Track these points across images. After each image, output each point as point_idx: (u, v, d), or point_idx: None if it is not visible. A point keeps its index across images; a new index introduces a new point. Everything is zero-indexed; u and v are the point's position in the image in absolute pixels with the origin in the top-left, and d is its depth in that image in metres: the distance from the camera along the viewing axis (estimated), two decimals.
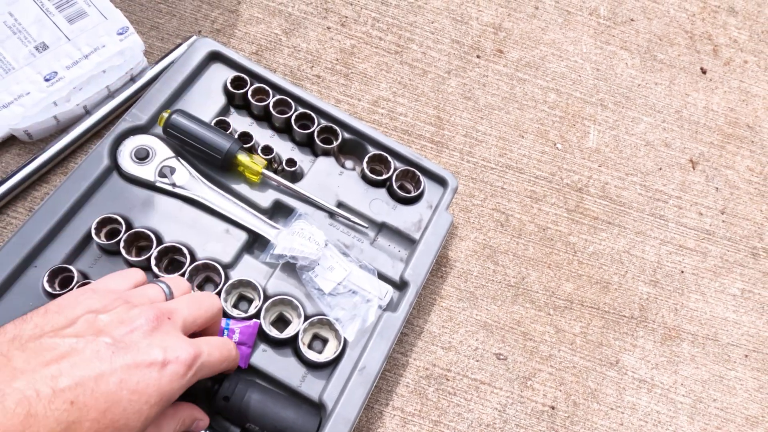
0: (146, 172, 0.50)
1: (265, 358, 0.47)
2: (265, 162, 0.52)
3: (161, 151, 0.51)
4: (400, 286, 0.52)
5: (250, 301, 0.49)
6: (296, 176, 0.54)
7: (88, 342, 0.32)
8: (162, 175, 0.50)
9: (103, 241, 0.47)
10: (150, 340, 0.33)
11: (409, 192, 0.56)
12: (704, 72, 0.77)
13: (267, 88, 0.55)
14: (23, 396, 0.28)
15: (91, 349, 0.31)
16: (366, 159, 0.55)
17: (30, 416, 0.28)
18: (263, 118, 0.56)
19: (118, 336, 0.33)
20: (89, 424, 0.30)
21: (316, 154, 0.56)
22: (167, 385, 0.33)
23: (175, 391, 0.34)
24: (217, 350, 0.37)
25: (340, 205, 0.54)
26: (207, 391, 0.43)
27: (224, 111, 0.55)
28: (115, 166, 0.50)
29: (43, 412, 0.28)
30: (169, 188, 0.50)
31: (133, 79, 0.59)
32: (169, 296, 0.39)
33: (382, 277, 0.52)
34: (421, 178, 0.56)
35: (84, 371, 0.30)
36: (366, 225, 0.53)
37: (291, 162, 0.54)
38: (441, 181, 0.56)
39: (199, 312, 0.38)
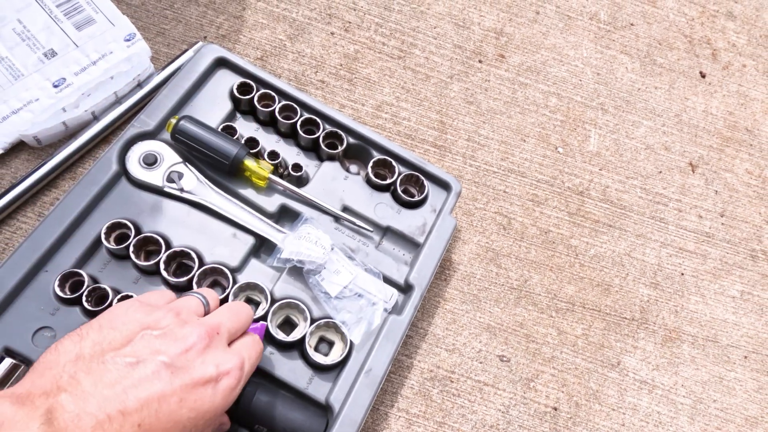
0: (154, 177, 0.51)
1: (272, 361, 0.48)
2: (272, 167, 0.53)
3: (169, 157, 0.52)
4: (405, 289, 0.52)
5: (257, 305, 0.49)
6: (302, 181, 0.55)
7: (147, 362, 0.33)
8: (170, 180, 0.51)
9: (112, 245, 0.48)
10: (203, 358, 0.35)
11: (413, 196, 0.56)
12: (703, 76, 0.78)
13: (273, 93, 0.56)
14: (97, 421, 0.30)
15: (151, 370, 0.33)
16: (370, 164, 0.56)
17: None
18: (269, 123, 0.57)
19: (174, 354, 0.34)
20: None
21: (321, 159, 0.57)
22: (221, 400, 0.35)
23: (228, 403, 0.36)
24: (254, 351, 0.40)
25: (345, 209, 0.54)
26: None
27: (230, 116, 0.56)
28: (123, 172, 0.51)
29: None
30: (177, 193, 0.51)
31: (140, 85, 0.59)
32: (206, 306, 0.40)
33: (387, 280, 0.52)
34: (425, 182, 0.56)
35: (147, 392, 0.32)
36: (371, 229, 0.54)
37: (297, 167, 0.54)
38: (445, 186, 0.57)
39: (240, 324, 0.40)
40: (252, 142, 0.54)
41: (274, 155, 0.54)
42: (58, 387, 0.31)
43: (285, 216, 0.54)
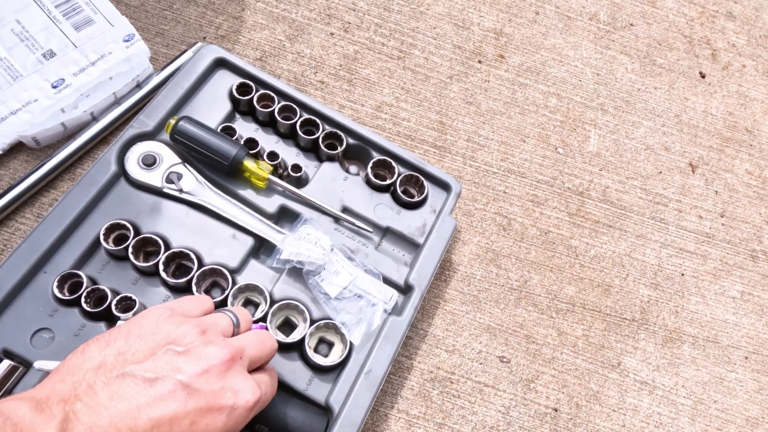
0: (153, 178, 0.51)
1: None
2: (271, 168, 0.52)
3: (168, 158, 0.52)
4: (405, 290, 0.52)
5: (256, 306, 0.49)
6: (301, 182, 0.55)
7: (166, 380, 0.33)
8: (169, 181, 0.51)
9: (111, 247, 0.48)
10: (223, 383, 0.35)
11: (413, 197, 0.56)
12: (703, 76, 0.78)
13: (272, 94, 0.56)
14: None
15: (168, 389, 0.33)
16: (370, 164, 0.56)
17: None
18: (268, 124, 0.57)
19: (193, 374, 0.34)
20: None
21: (320, 160, 0.56)
22: (232, 427, 0.35)
23: (237, 430, 0.36)
24: (271, 389, 0.40)
25: (345, 210, 0.54)
26: None
27: (230, 117, 0.56)
28: (122, 173, 0.51)
29: None
30: (176, 194, 0.51)
31: (139, 86, 0.59)
32: (237, 327, 0.40)
33: (387, 281, 0.52)
34: (425, 183, 0.56)
35: (160, 412, 0.32)
36: (371, 230, 0.54)
37: (296, 167, 0.54)
38: (444, 186, 0.57)
39: (263, 353, 0.40)
40: (251, 143, 0.54)
41: (273, 156, 0.54)
42: (76, 395, 0.32)
43: (284, 217, 0.53)
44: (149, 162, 0.51)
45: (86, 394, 0.32)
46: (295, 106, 0.56)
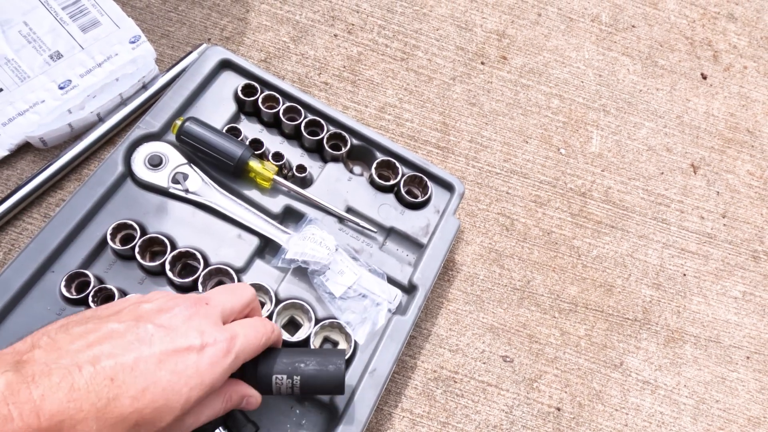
0: (159, 178, 0.51)
1: None
2: (276, 168, 0.53)
3: (174, 158, 0.52)
4: (409, 289, 0.53)
5: (261, 305, 0.50)
6: (306, 182, 0.55)
7: (129, 327, 0.33)
8: (175, 181, 0.51)
9: (118, 246, 0.48)
10: (188, 325, 0.35)
11: (416, 197, 0.57)
12: (705, 77, 0.78)
13: (277, 95, 0.56)
14: (67, 371, 0.30)
15: (132, 333, 0.33)
16: (374, 165, 0.56)
17: (73, 390, 0.29)
18: (273, 125, 0.57)
19: (158, 322, 0.34)
20: (129, 401, 0.31)
21: (325, 160, 0.57)
22: (208, 369, 0.34)
23: (217, 376, 0.35)
24: (252, 329, 0.38)
25: (349, 210, 0.55)
26: None
27: (235, 118, 0.56)
28: (129, 173, 0.51)
29: (86, 387, 0.30)
30: (182, 194, 0.51)
31: (145, 87, 0.60)
32: None
33: (391, 281, 0.53)
34: (429, 183, 0.57)
35: (124, 352, 0.32)
36: (375, 230, 0.54)
37: (301, 168, 0.55)
38: (448, 187, 0.57)
39: (234, 299, 0.39)
40: (256, 144, 0.55)
41: (278, 156, 0.54)
42: (33, 345, 0.31)
43: (289, 217, 0.54)
44: (155, 162, 0.51)
45: (46, 344, 0.31)
46: (299, 107, 0.56)
